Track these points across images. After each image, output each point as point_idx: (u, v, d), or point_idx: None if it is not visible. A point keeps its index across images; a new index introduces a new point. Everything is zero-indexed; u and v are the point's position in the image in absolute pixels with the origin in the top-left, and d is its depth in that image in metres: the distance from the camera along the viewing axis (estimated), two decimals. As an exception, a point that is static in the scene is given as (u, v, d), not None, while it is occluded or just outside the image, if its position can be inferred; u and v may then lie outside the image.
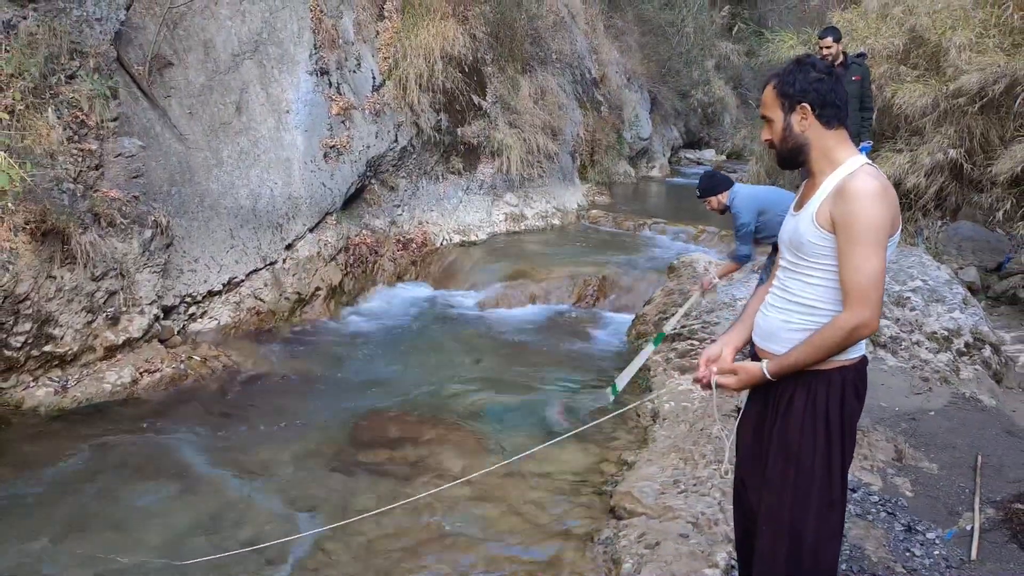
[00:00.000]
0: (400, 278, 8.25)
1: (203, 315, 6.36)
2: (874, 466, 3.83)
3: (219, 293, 6.46)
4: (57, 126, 5.16)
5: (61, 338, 5.03)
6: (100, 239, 5.24)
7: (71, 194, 5.14)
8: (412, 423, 4.92)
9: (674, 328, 5.30)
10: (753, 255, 4.84)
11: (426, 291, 8.12)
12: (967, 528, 3.31)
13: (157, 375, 5.38)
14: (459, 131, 9.51)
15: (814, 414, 2.04)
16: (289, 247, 7.15)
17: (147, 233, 5.68)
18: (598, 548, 3.35)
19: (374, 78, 8.50)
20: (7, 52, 4.98)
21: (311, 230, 7.40)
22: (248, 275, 6.71)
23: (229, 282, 6.52)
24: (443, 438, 4.67)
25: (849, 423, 2.06)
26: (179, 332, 6.04)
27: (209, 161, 6.54)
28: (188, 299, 6.18)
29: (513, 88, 10.58)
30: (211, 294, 6.38)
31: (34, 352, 4.92)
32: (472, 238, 9.46)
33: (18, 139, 4.87)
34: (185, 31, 6.59)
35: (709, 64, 19.37)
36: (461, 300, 7.85)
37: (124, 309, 5.45)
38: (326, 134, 7.68)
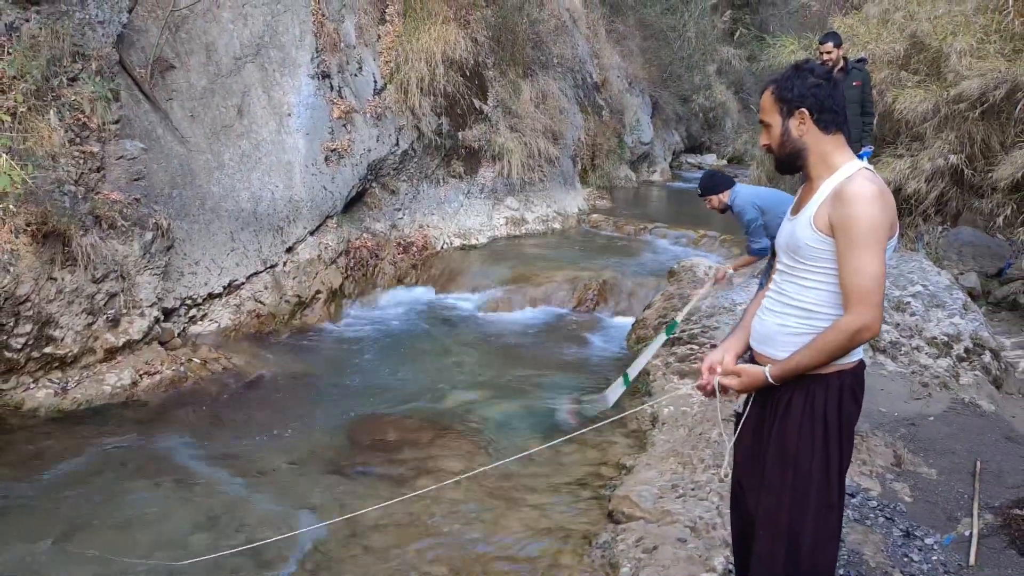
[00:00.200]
0: (400, 281, 8.25)
1: (203, 317, 6.37)
2: (873, 471, 3.83)
3: (219, 296, 6.46)
4: (59, 128, 5.17)
5: (61, 340, 5.04)
6: (101, 241, 5.25)
7: (72, 196, 5.15)
8: (411, 426, 4.92)
9: (685, 317, 5.31)
10: (769, 248, 4.81)
11: (426, 295, 8.12)
12: (966, 534, 3.30)
13: (157, 377, 5.38)
14: (460, 135, 9.53)
15: (812, 417, 2.04)
16: (289, 250, 7.16)
17: (148, 235, 5.69)
18: (596, 552, 3.35)
19: (375, 82, 8.52)
20: (9, 54, 4.99)
21: (312, 233, 7.40)
22: (248, 278, 6.71)
23: (229, 285, 6.53)
24: (442, 442, 4.67)
25: (847, 426, 2.07)
26: (179, 334, 6.04)
27: (210, 164, 6.55)
28: (188, 301, 6.19)
29: (514, 92, 10.59)
30: (211, 296, 6.39)
31: (34, 354, 4.93)
32: (473, 242, 9.46)
33: (20, 141, 4.88)
34: (187, 34, 6.61)
35: (710, 69, 19.42)
36: (461, 304, 7.85)
37: (124, 311, 5.46)
38: (327, 137, 7.70)
